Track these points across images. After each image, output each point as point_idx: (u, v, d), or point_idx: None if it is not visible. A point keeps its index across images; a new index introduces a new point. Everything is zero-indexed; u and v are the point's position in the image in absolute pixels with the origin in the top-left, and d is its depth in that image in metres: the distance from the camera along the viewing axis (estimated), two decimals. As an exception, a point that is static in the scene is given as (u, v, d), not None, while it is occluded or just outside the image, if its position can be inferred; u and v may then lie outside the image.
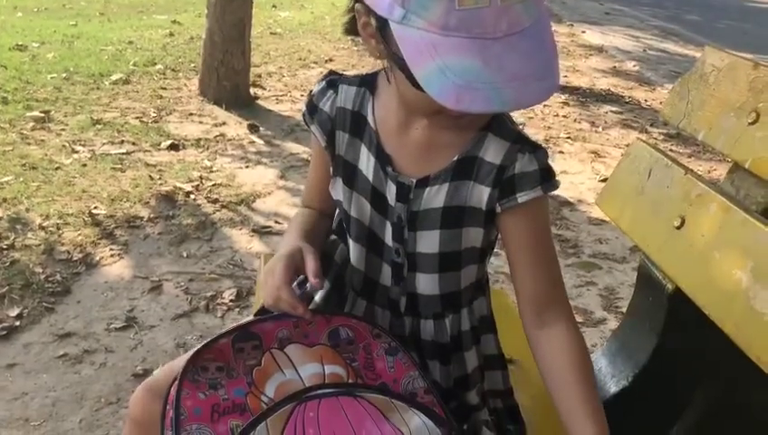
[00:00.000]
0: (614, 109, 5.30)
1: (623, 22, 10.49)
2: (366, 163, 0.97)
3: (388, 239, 0.98)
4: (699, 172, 3.83)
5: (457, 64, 0.73)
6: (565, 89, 5.73)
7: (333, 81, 1.00)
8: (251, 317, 1.01)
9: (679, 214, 1.19)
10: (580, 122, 4.85)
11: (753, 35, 9.94)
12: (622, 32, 9.45)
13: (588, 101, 5.43)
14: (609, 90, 5.82)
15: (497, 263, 2.38)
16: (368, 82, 0.98)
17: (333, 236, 1.08)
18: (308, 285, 0.95)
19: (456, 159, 0.92)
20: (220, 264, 2.55)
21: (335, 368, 0.89)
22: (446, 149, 0.93)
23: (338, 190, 1.01)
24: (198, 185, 3.19)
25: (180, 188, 3.12)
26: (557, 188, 0.93)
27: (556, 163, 3.99)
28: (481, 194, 0.92)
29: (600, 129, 4.73)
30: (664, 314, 1.22)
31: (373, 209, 0.98)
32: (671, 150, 4.23)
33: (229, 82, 4.42)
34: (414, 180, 0.94)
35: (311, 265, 0.90)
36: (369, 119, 0.96)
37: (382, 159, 0.95)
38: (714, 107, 1.24)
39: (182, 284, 2.40)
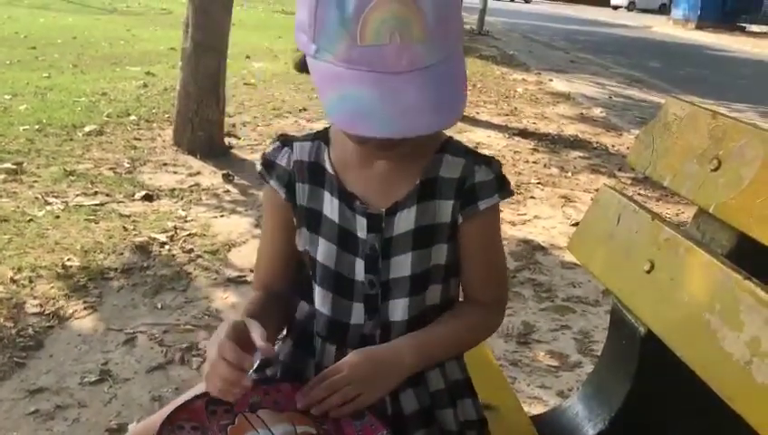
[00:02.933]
0: (582, 154, 5.41)
1: (588, 69, 10.78)
2: (330, 207, 1.01)
3: (360, 275, 1.00)
4: (667, 215, 3.92)
5: (356, 94, 0.80)
6: (534, 135, 5.85)
7: (286, 140, 1.06)
8: None
9: (648, 258, 1.22)
10: (549, 168, 4.95)
11: (712, 82, 10.26)
12: (588, 79, 9.71)
13: (556, 147, 5.55)
14: (576, 136, 5.96)
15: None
16: (321, 135, 1.05)
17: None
18: (257, 353, 0.87)
19: (418, 182, 0.99)
20: (195, 315, 2.54)
21: (306, 428, 0.90)
22: (407, 175, 0.99)
23: (303, 240, 1.04)
24: (173, 235, 3.19)
25: (155, 239, 3.11)
26: (512, 195, 1.02)
27: (528, 208, 4.06)
28: (446, 208, 0.99)
29: (570, 174, 4.83)
30: (637, 357, 1.25)
31: (340, 249, 1.01)
32: (639, 194, 4.33)
33: (204, 132, 4.44)
34: (383, 210, 0.99)
35: (256, 331, 0.88)
36: (327, 166, 1.02)
37: (346, 198, 1.00)
38: (677, 154, 1.29)
39: (156, 335, 2.38)
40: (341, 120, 0.83)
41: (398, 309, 1.00)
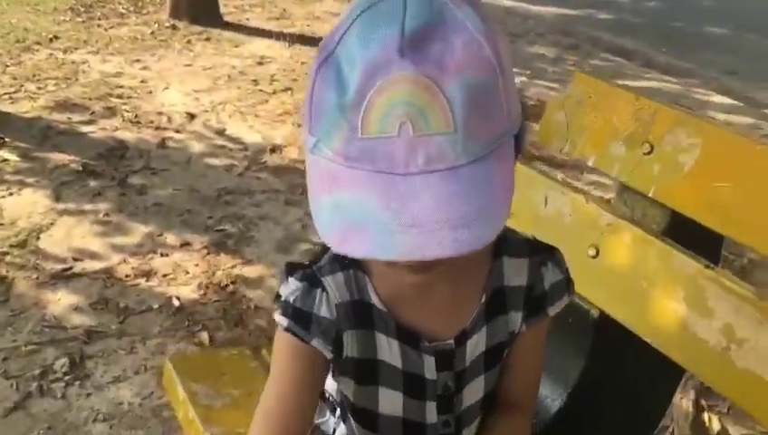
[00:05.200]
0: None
1: None
2: (388, 352, 0.83)
3: (432, 418, 0.88)
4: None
5: (352, 200, 0.63)
6: (313, 40, 5.69)
7: (310, 277, 0.82)
8: None
9: (592, 243, 1.26)
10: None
11: None
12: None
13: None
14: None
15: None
16: (351, 261, 0.82)
17: None
18: None
19: (483, 300, 0.85)
20: (32, 329, 2.22)
21: None
22: (469, 294, 0.85)
23: (346, 389, 0.87)
24: (-40, 232, 2.71)
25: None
26: (574, 287, 0.92)
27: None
28: (516, 319, 0.87)
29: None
30: (591, 337, 1.31)
31: (407, 397, 0.86)
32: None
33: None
34: (452, 341, 0.85)
35: None
36: (375, 301, 0.82)
37: (406, 337, 0.83)
38: (599, 134, 1.31)
39: (-3, 367, 2.06)
40: (328, 232, 0.64)
41: (472, 428, 0.92)
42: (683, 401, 2.07)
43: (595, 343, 1.31)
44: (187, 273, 2.59)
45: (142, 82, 4.52)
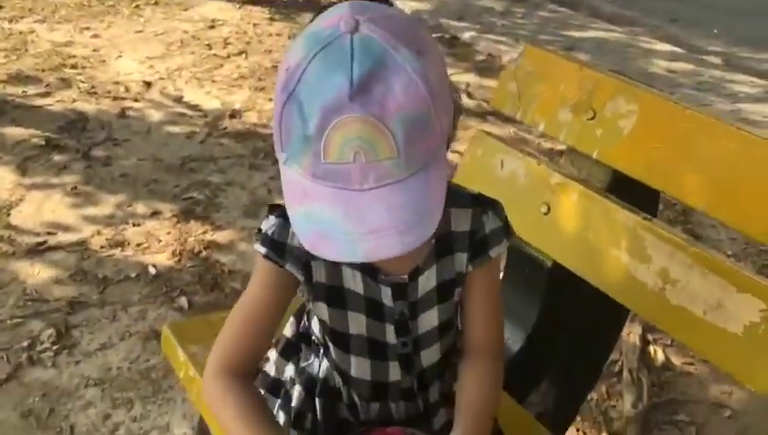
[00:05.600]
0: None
1: None
2: (353, 280, 0.98)
3: (392, 338, 1.02)
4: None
5: (320, 213, 0.78)
6: (262, 0, 5.68)
7: (286, 213, 0.91)
8: None
9: (544, 201, 1.41)
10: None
11: None
12: None
13: (291, 12, 5.47)
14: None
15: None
16: None
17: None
18: None
19: (433, 242, 0.98)
20: (15, 303, 2.30)
21: None
22: None
23: (322, 314, 1.01)
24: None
25: None
26: (514, 234, 1.05)
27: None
28: (461, 260, 1.01)
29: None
30: (544, 284, 1.47)
31: (369, 319, 1.00)
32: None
33: None
34: (406, 276, 0.99)
35: None
36: None
37: (368, 270, 0.98)
38: (548, 102, 1.45)
39: (-16, 341, 2.14)
40: (305, 238, 0.80)
41: (431, 356, 1.05)
42: (630, 336, 2.27)
43: (549, 289, 1.47)
44: (160, 241, 2.68)
45: (94, 50, 4.49)
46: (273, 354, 1.14)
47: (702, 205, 1.23)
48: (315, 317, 1.05)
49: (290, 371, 1.11)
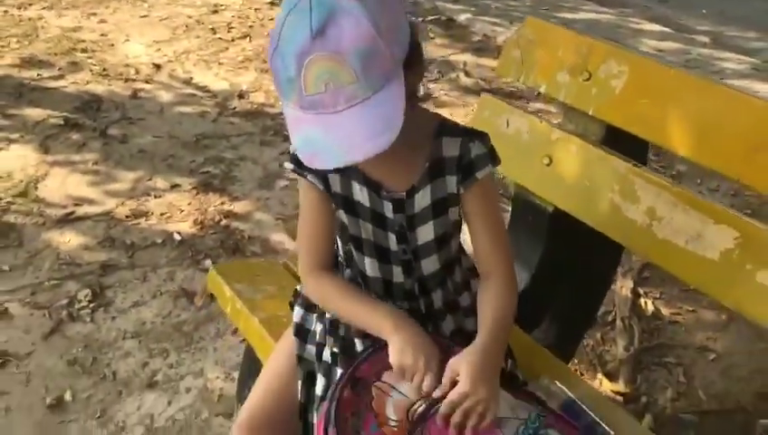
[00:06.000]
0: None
1: None
2: (360, 194, 1.19)
3: (393, 245, 1.22)
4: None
5: (310, 135, 1.01)
6: None
7: None
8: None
9: (546, 154, 1.59)
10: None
11: None
12: None
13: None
14: None
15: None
16: None
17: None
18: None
19: (427, 165, 1.17)
20: (50, 267, 2.47)
21: None
22: (417, 161, 1.18)
23: (343, 220, 1.21)
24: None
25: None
26: (500, 162, 1.21)
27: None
28: (452, 181, 1.19)
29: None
30: (546, 228, 1.65)
31: (375, 227, 1.21)
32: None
33: None
34: (404, 193, 1.19)
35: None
36: None
37: (372, 185, 1.18)
38: (548, 67, 1.62)
39: (27, 300, 2.30)
40: (305, 158, 1.03)
41: (430, 265, 1.23)
42: (622, 290, 2.46)
43: (551, 232, 1.65)
44: (182, 211, 2.84)
45: (102, 35, 4.63)
46: None
47: (685, 151, 1.40)
48: (338, 232, 1.24)
49: None
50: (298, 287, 1.33)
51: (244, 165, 3.23)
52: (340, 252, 1.28)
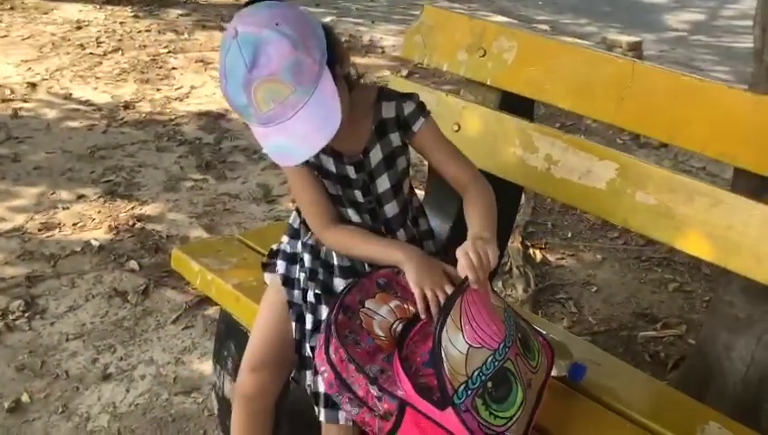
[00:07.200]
0: (182, 11, 5.63)
1: None
2: (328, 163, 1.42)
3: (360, 198, 1.45)
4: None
5: (276, 142, 1.25)
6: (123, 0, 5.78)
7: None
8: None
9: (455, 121, 1.87)
10: (163, 33, 5.11)
11: None
12: None
13: (153, 9, 5.65)
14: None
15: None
16: None
17: None
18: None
19: (372, 128, 1.42)
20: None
21: (396, 302, 1.37)
22: (365, 126, 1.42)
23: (325, 184, 1.44)
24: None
25: None
26: (430, 112, 1.46)
27: (178, 81, 4.32)
28: (396, 137, 1.44)
29: (186, 34, 5.09)
30: (461, 184, 1.93)
31: (342, 187, 1.44)
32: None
33: None
34: (360, 155, 1.42)
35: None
36: None
37: (336, 155, 1.41)
38: (448, 47, 1.91)
39: None
40: (278, 160, 1.29)
41: (390, 209, 1.48)
42: (514, 243, 2.82)
43: (465, 188, 1.93)
44: (93, 219, 2.91)
45: (-36, 58, 4.49)
46: (285, 238, 1.52)
47: (566, 105, 1.73)
48: None
49: (298, 246, 1.51)
50: (274, 247, 1.53)
51: (145, 171, 3.32)
52: None
